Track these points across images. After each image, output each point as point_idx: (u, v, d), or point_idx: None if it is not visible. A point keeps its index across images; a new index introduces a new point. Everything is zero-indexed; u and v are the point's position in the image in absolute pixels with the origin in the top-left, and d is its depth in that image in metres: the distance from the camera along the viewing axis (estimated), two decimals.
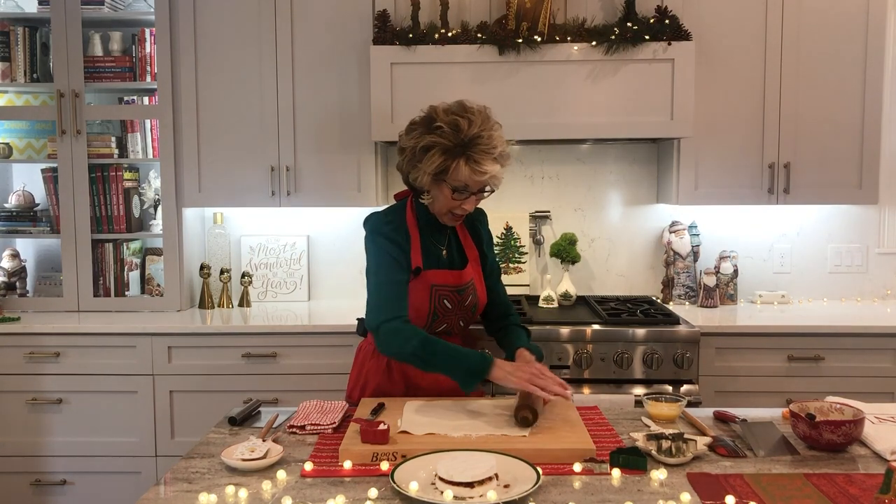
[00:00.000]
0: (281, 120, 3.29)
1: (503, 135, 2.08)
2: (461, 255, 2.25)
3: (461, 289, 2.18)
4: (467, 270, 2.21)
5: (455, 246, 2.25)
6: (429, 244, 2.19)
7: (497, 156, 2.04)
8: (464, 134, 2.00)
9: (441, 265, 2.19)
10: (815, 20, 3.21)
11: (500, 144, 2.04)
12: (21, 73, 3.36)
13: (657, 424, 1.94)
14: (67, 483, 3.17)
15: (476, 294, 2.22)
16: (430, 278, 2.15)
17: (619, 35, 3.00)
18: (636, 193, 3.62)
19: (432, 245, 2.20)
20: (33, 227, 3.42)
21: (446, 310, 2.16)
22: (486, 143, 2.01)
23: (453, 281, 2.17)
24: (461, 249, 2.25)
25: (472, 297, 2.21)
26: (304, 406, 2.07)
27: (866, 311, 3.36)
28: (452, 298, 2.16)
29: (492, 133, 2.02)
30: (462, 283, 2.19)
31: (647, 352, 2.94)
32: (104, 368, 3.11)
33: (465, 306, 2.19)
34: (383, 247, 2.13)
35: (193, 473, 1.67)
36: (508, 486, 1.53)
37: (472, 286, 2.21)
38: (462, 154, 2.01)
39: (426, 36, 3.05)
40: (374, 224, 2.19)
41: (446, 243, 2.23)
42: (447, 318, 2.18)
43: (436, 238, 2.20)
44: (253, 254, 3.63)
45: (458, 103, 2.09)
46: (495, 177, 2.06)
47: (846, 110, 3.25)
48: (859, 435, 1.78)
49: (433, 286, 2.15)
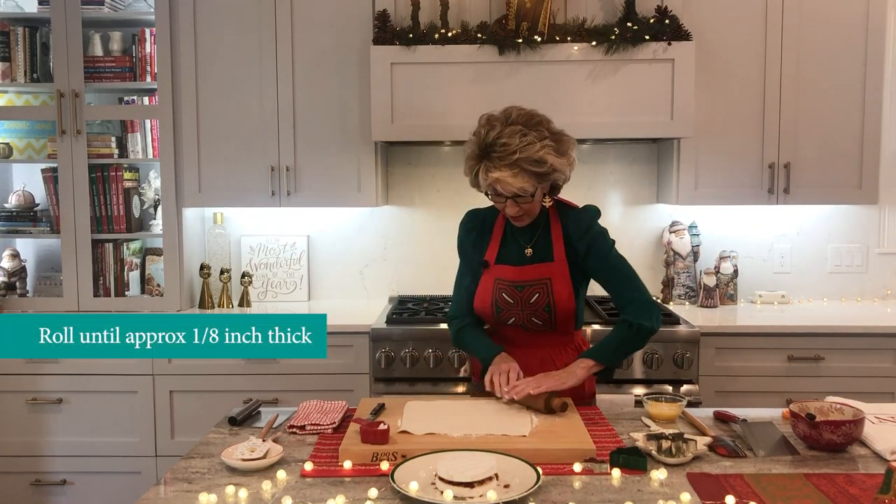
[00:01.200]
0: (281, 120, 3.29)
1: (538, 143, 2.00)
2: (547, 254, 2.21)
3: (521, 284, 2.18)
4: (538, 268, 2.18)
5: (544, 245, 2.22)
6: (513, 242, 2.23)
7: (513, 162, 1.99)
8: (482, 140, 2.04)
9: (520, 261, 2.20)
10: (815, 20, 3.21)
11: (522, 151, 1.98)
12: (21, 73, 3.36)
13: (657, 424, 1.94)
14: (67, 483, 3.17)
15: (550, 294, 2.16)
16: (496, 272, 2.21)
17: (619, 35, 3.00)
18: (636, 193, 3.62)
19: (516, 243, 2.23)
20: (33, 227, 3.42)
21: (507, 303, 2.19)
22: (500, 150, 2.00)
23: (514, 276, 2.19)
24: (549, 249, 2.21)
25: (542, 296, 2.16)
26: (304, 406, 2.07)
27: (866, 311, 3.36)
28: (512, 293, 2.18)
29: (510, 140, 1.99)
30: (524, 279, 2.18)
31: (647, 352, 2.94)
32: (104, 368, 3.11)
33: (530, 303, 2.17)
34: (458, 246, 2.35)
35: (193, 473, 1.67)
36: (508, 486, 1.53)
37: (541, 284, 2.17)
38: (483, 160, 2.05)
39: (426, 36, 3.05)
40: (462, 220, 2.33)
41: (534, 243, 2.22)
42: (511, 312, 2.20)
43: (523, 236, 2.22)
44: (253, 254, 3.63)
45: (505, 109, 2.10)
46: (505, 182, 2.01)
47: (846, 110, 3.25)
48: (859, 435, 1.78)
49: (496, 280, 2.20)
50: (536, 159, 2.00)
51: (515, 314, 2.20)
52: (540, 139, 2.02)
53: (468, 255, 2.30)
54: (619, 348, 2.16)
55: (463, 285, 2.31)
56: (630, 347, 2.22)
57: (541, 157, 2.01)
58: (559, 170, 2.06)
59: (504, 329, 2.25)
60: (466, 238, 2.30)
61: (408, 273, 3.66)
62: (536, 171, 2.02)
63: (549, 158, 2.02)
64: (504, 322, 2.23)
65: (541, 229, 2.22)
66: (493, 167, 2.02)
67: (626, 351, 2.21)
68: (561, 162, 2.05)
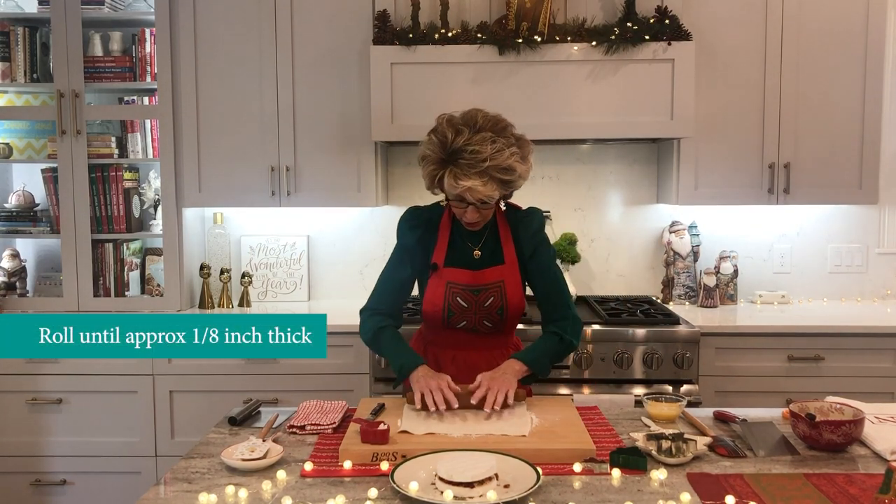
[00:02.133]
0: (281, 120, 3.29)
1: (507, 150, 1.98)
2: (498, 256, 2.20)
3: (477, 289, 2.16)
4: (492, 271, 2.17)
5: (493, 247, 2.20)
6: (461, 243, 2.20)
7: (483, 170, 1.95)
8: (448, 146, 1.99)
9: (469, 264, 2.18)
10: (814, 20, 3.21)
11: (492, 159, 1.95)
12: (21, 73, 3.36)
13: (657, 424, 1.94)
14: (67, 483, 3.17)
15: (504, 297, 2.16)
16: (447, 275, 2.17)
17: (619, 35, 3.00)
18: (636, 193, 3.62)
19: (464, 244, 2.20)
20: (33, 227, 3.42)
21: (461, 307, 2.16)
22: (469, 157, 1.96)
23: (469, 280, 2.16)
24: (499, 251, 2.20)
25: (496, 300, 2.16)
26: (304, 406, 2.07)
27: (866, 311, 3.36)
28: (467, 297, 2.16)
29: (482, 148, 1.95)
30: (479, 283, 2.16)
31: (647, 352, 2.94)
32: (104, 368, 3.11)
33: (484, 307, 2.16)
34: (399, 240, 2.26)
35: (193, 473, 1.67)
36: (508, 486, 1.53)
37: (496, 287, 2.16)
38: (448, 165, 2.00)
39: (426, 36, 3.05)
40: (402, 217, 2.27)
41: (482, 243, 2.20)
42: (465, 316, 2.17)
43: (471, 238, 2.20)
44: (253, 254, 3.63)
45: (468, 112, 2.06)
46: (475, 190, 1.98)
47: (846, 110, 3.25)
48: (859, 435, 1.78)
49: (448, 283, 2.17)
50: (506, 167, 1.99)
51: (468, 318, 2.18)
52: (508, 146, 2.00)
53: (412, 252, 2.22)
54: (549, 358, 2.17)
55: (395, 278, 2.24)
56: (557, 360, 2.22)
57: (510, 165, 1.99)
58: (523, 176, 2.06)
59: (452, 332, 2.21)
60: (411, 234, 2.22)
61: None
62: (504, 179, 2.00)
63: (517, 166, 2.01)
64: (454, 325, 2.19)
65: (488, 230, 2.20)
66: (463, 175, 1.97)
67: (553, 362, 2.20)
68: (524, 168, 2.05)
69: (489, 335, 2.22)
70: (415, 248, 2.21)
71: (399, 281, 2.24)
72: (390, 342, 2.19)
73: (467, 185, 1.98)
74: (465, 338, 2.21)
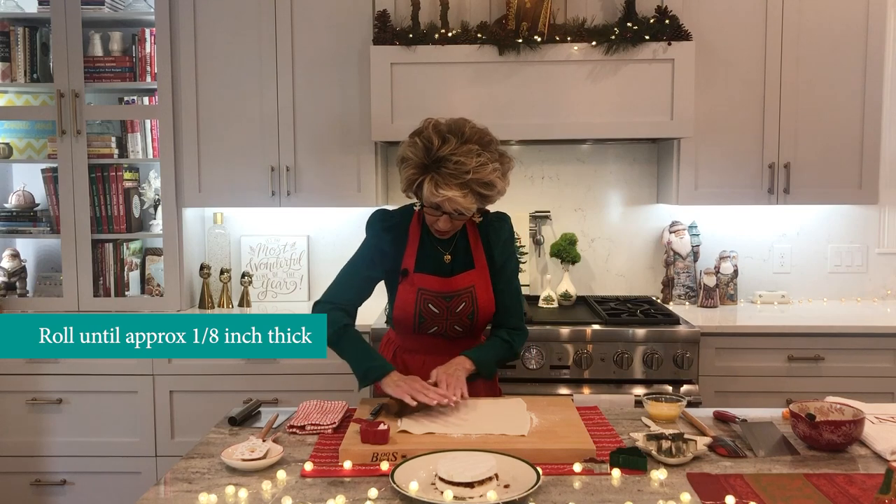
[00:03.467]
0: (281, 120, 3.29)
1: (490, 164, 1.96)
2: (468, 262, 2.18)
3: (449, 295, 2.14)
4: (463, 277, 2.16)
5: (463, 252, 2.19)
6: (430, 248, 2.18)
7: (465, 182, 1.94)
8: (433, 153, 1.97)
9: (440, 270, 2.16)
10: (814, 20, 3.21)
11: (475, 172, 1.94)
12: (21, 73, 3.36)
13: (657, 424, 1.94)
14: (67, 483, 3.17)
15: (475, 301, 2.15)
16: (418, 282, 2.15)
17: (619, 35, 3.00)
18: (636, 193, 3.62)
19: (434, 249, 2.18)
20: (33, 227, 3.42)
21: (433, 314, 2.15)
22: (453, 167, 1.93)
23: (441, 287, 2.14)
24: (469, 256, 2.19)
25: (468, 305, 2.15)
26: (304, 406, 2.07)
27: (866, 311, 3.36)
28: (439, 304, 2.14)
29: (467, 160, 1.93)
30: (451, 289, 2.14)
31: (647, 352, 2.94)
32: (104, 368, 3.11)
33: (455, 312, 2.15)
34: (367, 241, 2.24)
35: (193, 473, 1.67)
36: (508, 486, 1.53)
37: (467, 293, 2.15)
38: (429, 172, 1.98)
39: (426, 36, 3.05)
40: (373, 218, 2.25)
41: (452, 249, 2.18)
42: (436, 322, 2.16)
43: (442, 243, 2.18)
44: (253, 254, 3.63)
45: (455, 121, 2.03)
46: (454, 201, 1.96)
47: (846, 110, 3.25)
48: (859, 435, 1.78)
49: (419, 290, 2.14)
50: (487, 182, 1.97)
51: (439, 323, 2.16)
52: (492, 161, 1.98)
53: (384, 255, 2.19)
54: (496, 362, 2.22)
55: (363, 276, 2.21)
56: (500, 365, 2.30)
57: (491, 181, 1.97)
58: (501, 192, 2.04)
59: (422, 337, 2.20)
60: (384, 236, 2.19)
61: None
62: (483, 193, 1.99)
63: (497, 182, 2.00)
64: (425, 331, 2.18)
65: (458, 235, 2.17)
66: (444, 184, 1.95)
67: (498, 367, 2.26)
68: (503, 185, 2.04)
69: (459, 339, 2.20)
70: (388, 251, 2.19)
71: (366, 279, 2.22)
72: (354, 344, 2.13)
73: (447, 196, 1.96)
74: (435, 343, 2.20)
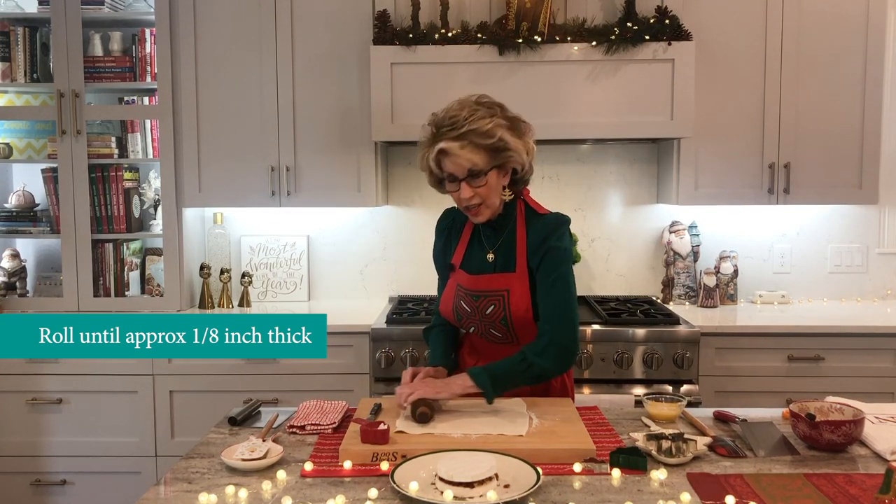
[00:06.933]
0: (281, 120, 3.29)
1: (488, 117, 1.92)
2: (510, 263, 2.07)
3: (476, 294, 2.08)
4: (498, 278, 2.07)
5: (507, 252, 2.09)
6: (478, 246, 2.15)
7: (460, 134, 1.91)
8: (436, 122, 1.97)
9: (483, 269, 2.10)
10: (815, 20, 3.21)
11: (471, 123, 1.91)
12: (21, 73, 3.36)
13: (657, 424, 1.94)
14: (67, 483, 3.17)
15: (507, 306, 2.03)
16: (457, 278, 2.15)
17: (619, 35, 3.00)
18: (636, 193, 3.62)
19: (481, 245, 2.14)
20: (33, 227, 3.42)
21: (466, 312, 2.12)
22: (449, 122, 1.93)
23: (471, 285, 2.10)
24: (512, 258, 2.07)
25: (497, 308, 2.04)
26: (304, 406, 2.07)
27: (866, 311, 3.36)
28: (469, 302, 2.10)
29: (459, 113, 1.92)
30: (479, 288, 2.07)
31: (647, 352, 2.94)
32: (104, 368, 3.11)
33: (485, 314, 2.06)
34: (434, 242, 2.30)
35: (193, 473, 1.67)
36: (508, 486, 1.53)
37: (497, 296, 2.05)
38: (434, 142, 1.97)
39: (426, 36, 3.05)
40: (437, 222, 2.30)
41: (497, 247, 2.11)
42: (470, 321, 2.12)
43: (489, 240, 2.12)
44: (253, 254, 3.63)
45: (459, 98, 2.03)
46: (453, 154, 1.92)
47: (846, 110, 3.25)
48: (859, 435, 1.78)
49: (458, 286, 2.14)
50: (485, 131, 1.91)
51: (474, 323, 2.12)
52: (490, 115, 1.94)
53: (439, 252, 2.25)
54: (505, 378, 1.96)
55: (440, 276, 2.28)
56: (517, 381, 2.00)
57: (489, 130, 1.91)
58: (513, 149, 1.95)
59: (471, 337, 2.19)
60: (438, 240, 2.25)
61: (408, 273, 3.66)
62: (487, 145, 1.92)
63: (500, 132, 1.92)
64: (467, 329, 2.17)
65: (506, 234, 2.09)
66: (441, 138, 1.93)
67: (512, 383, 1.99)
68: (516, 141, 1.96)
69: (499, 344, 2.10)
70: (443, 248, 2.23)
71: (444, 278, 2.26)
72: (431, 343, 2.27)
73: (442, 147, 1.93)
74: (481, 345, 2.16)
